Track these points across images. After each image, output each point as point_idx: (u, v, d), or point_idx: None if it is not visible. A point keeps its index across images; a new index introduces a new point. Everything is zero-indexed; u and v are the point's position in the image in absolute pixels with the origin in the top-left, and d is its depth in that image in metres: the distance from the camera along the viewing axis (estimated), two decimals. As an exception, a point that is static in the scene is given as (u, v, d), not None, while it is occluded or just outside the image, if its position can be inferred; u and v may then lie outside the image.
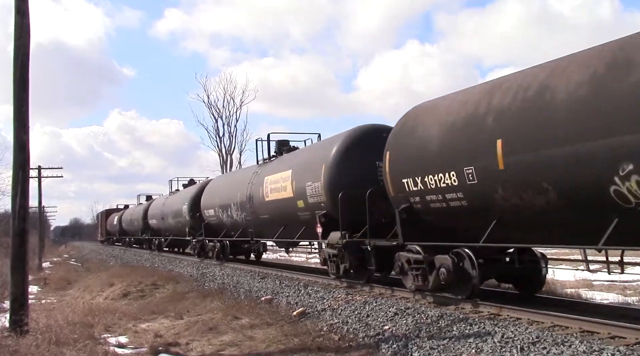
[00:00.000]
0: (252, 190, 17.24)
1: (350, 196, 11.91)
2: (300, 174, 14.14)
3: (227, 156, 48.66)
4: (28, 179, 10.32)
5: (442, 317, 8.61)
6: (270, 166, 16.96)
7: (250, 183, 17.53)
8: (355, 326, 9.43)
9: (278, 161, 16.95)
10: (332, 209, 12.58)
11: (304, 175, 13.87)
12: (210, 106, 49.67)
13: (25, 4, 9.88)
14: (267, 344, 9.14)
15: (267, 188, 16.17)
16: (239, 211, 18.61)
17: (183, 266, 23.33)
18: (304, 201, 13.76)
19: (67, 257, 56.35)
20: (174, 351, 9.29)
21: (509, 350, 6.77)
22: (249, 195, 17.44)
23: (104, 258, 40.75)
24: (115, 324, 11.97)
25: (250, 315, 11.37)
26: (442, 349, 7.42)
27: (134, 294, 18.27)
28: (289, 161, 15.86)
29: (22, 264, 9.93)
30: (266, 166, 17.41)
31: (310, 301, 11.68)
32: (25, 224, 10.01)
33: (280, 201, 15.22)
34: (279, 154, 17.41)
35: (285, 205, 14.94)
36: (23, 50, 9.86)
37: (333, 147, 13.00)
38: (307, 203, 13.59)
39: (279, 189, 15.34)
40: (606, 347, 6.22)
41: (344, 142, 12.92)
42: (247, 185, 17.78)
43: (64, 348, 8.45)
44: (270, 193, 15.89)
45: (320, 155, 13.57)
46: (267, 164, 17.59)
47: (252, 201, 17.20)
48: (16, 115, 9.82)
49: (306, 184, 13.57)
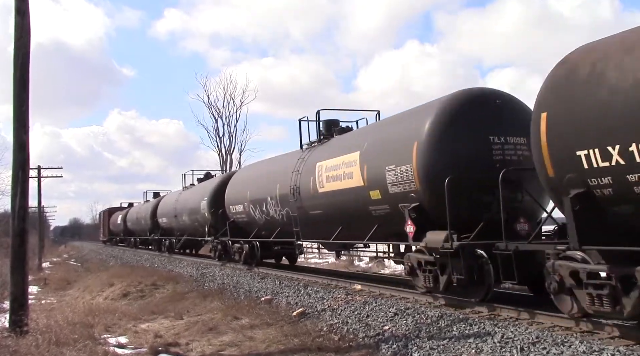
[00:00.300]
0: (300, 180, 14.03)
1: (458, 183, 9.04)
2: (375, 157, 11.00)
3: (227, 156, 48.81)
4: (28, 179, 10.31)
5: (442, 317, 8.61)
6: (324, 150, 13.74)
7: (296, 171, 14.25)
8: (355, 327, 9.43)
9: (334, 142, 13.84)
10: (429, 201, 9.60)
11: (382, 157, 10.74)
12: (210, 106, 49.89)
13: (25, 4, 9.87)
14: (267, 344, 9.15)
15: (321, 177, 13.00)
16: (278, 206, 15.58)
17: (183, 266, 23.32)
18: (381, 190, 10.68)
19: (66, 257, 56.33)
20: (174, 351, 9.29)
21: (508, 350, 6.77)
22: (295, 186, 14.20)
23: (103, 258, 40.74)
24: (115, 324, 11.97)
25: (250, 315, 11.37)
26: (442, 349, 7.42)
27: (133, 294, 18.26)
28: (352, 140, 12.62)
29: (22, 265, 9.92)
30: (316, 150, 14.21)
31: (310, 302, 11.68)
32: (25, 224, 10.00)
33: (342, 192, 12.09)
34: (329, 136, 14.51)
35: (349, 197, 11.85)
36: (23, 50, 9.86)
37: (427, 118, 9.80)
38: (386, 193, 10.53)
39: (339, 177, 12.22)
40: (606, 347, 6.22)
41: (444, 111, 9.73)
42: (290, 175, 14.49)
43: (64, 348, 8.45)
44: (327, 183, 12.78)
45: (407, 129, 10.33)
46: (316, 147, 14.43)
47: (299, 194, 13.98)
48: (16, 115, 9.81)
49: (386, 170, 10.43)
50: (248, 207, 17.75)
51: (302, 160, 14.33)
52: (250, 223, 18.13)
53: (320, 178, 13.05)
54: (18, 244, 9.89)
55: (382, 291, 11.42)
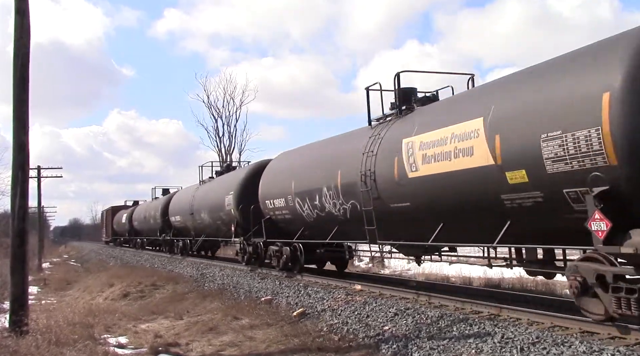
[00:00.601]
0: (375, 164, 10.95)
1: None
2: (518, 122, 7.79)
3: (227, 156, 48.72)
4: (27, 179, 10.30)
5: (442, 317, 8.61)
6: (411, 122, 10.49)
7: (368, 153, 11.16)
8: (355, 327, 9.43)
9: (429, 111, 10.55)
10: (633, 184, 6.53)
11: (532, 121, 7.55)
12: (210, 106, 49.79)
13: (25, 4, 9.87)
14: (267, 344, 9.15)
15: (412, 158, 9.85)
16: (339, 199, 12.37)
17: (183, 266, 23.31)
18: (529, 171, 7.58)
19: (66, 257, 56.32)
20: (174, 351, 9.30)
21: (508, 350, 6.77)
22: (367, 172, 11.08)
23: (103, 258, 40.70)
24: (115, 324, 11.97)
25: (250, 316, 11.37)
26: (442, 349, 7.42)
27: (133, 294, 18.25)
28: (467, 104, 9.40)
29: (22, 265, 9.91)
30: (396, 124, 11.08)
31: (310, 302, 11.68)
32: (24, 225, 10.00)
33: (451, 176, 8.94)
34: (408, 108, 11.30)
35: (464, 182, 8.74)
36: (23, 50, 9.85)
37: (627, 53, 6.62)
38: (540, 174, 7.41)
39: (446, 155, 9.05)
40: (606, 347, 6.22)
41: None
42: (359, 158, 11.42)
43: (64, 349, 8.45)
44: (422, 165, 9.56)
45: (584, 76, 7.11)
46: (394, 121, 11.26)
47: (374, 181, 10.93)
48: (16, 115, 9.81)
49: (542, 139, 7.31)
50: (293, 201, 14.51)
51: (376, 138, 11.17)
52: (293, 220, 14.97)
53: (411, 159, 9.83)
54: (18, 245, 9.89)
55: (382, 292, 11.42)
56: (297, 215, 14.50)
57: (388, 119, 11.65)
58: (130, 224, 40.45)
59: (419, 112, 10.81)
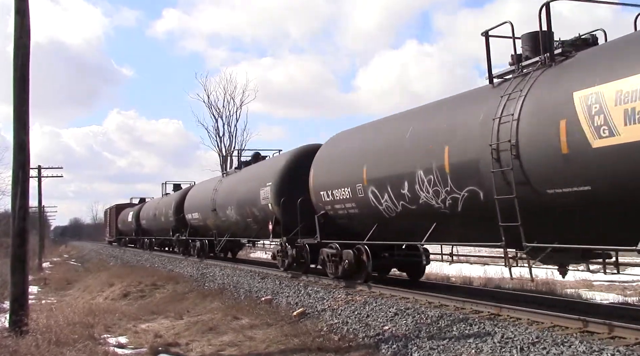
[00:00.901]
0: (518, 133, 7.75)
1: None
2: None
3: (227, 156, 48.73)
4: (28, 179, 10.31)
5: (442, 317, 8.61)
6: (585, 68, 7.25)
7: (501, 118, 8.04)
8: (355, 327, 9.43)
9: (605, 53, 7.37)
10: None
11: None
12: (211, 105, 49.77)
13: (25, 4, 9.87)
14: (267, 344, 9.16)
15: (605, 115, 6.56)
16: (446, 184, 9.11)
17: (183, 266, 23.31)
18: None
19: (67, 257, 56.35)
20: (174, 351, 9.30)
21: (508, 350, 6.77)
22: (502, 146, 7.95)
23: (103, 258, 40.72)
24: (115, 324, 11.97)
25: (250, 315, 11.38)
26: (442, 349, 7.43)
27: (133, 294, 18.26)
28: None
29: (22, 265, 9.92)
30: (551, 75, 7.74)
31: (310, 302, 11.68)
32: (25, 224, 10.00)
33: None
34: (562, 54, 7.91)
35: None
36: (23, 50, 9.85)
37: None
38: None
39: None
40: (606, 347, 6.22)
41: None
42: (487, 126, 8.30)
43: (64, 349, 8.45)
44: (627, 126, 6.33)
45: None
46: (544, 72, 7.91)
47: (517, 158, 7.72)
48: (16, 115, 9.81)
49: None
50: (364, 191, 11.36)
51: (514, 97, 7.99)
52: (362, 216, 11.84)
53: (599, 120, 6.60)
54: (18, 244, 9.89)
55: (382, 291, 11.41)
56: (370, 209, 11.37)
57: (526, 72, 8.32)
58: (138, 223, 38.17)
59: (587, 57, 7.54)
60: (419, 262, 12.46)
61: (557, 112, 7.21)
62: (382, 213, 11.03)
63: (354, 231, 12.45)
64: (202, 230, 24.18)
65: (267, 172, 16.53)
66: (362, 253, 12.09)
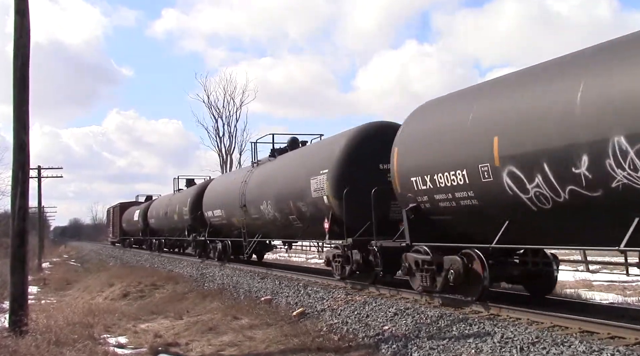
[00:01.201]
0: None
1: None
2: None
3: (227, 156, 48.77)
4: (28, 180, 10.30)
5: (442, 317, 8.61)
6: None
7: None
8: (355, 327, 9.43)
9: None
10: None
11: None
12: (211, 106, 49.73)
13: (25, 4, 9.87)
14: (267, 344, 9.16)
15: None
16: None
17: (183, 266, 23.30)
18: None
19: (66, 257, 56.34)
20: (174, 351, 9.30)
21: (508, 350, 6.77)
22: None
23: (103, 258, 40.71)
24: (114, 324, 11.97)
25: (250, 315, 11.38)
26: (442, 349, 7.43)
27: (133, 294, 18.25)
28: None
29: (22, 265, 9.91)
30: None
31: (310, 302, 11.68)
32: (25, 225, 10.00)
33: None
34: None
35: None
36: (23, 50, 9.85)
37: None
38: None
39: None
40: (606, 347, 6.22)
41: None
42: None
43: (64, 349, 8.45)
44: None
45: None
46: None
47: None
48: (16, 115, 9.81)
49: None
50: (496, 173, 8.03)
51: None
52: (486, 209, 8.55)
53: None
54: (18, 245, 9.89)
55: (382, 291, 11.41)
56: (503, 199, 8.05)
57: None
58: (145, 223, 34.94)
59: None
60: (551, 272, 9.56)
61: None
62: (525, 205, 7.72)
63: (457, 232, 9.40)
64: (226, 230, 20.90)
65: (320, 158, 13.28)
66: (472, 260, 8.95)
